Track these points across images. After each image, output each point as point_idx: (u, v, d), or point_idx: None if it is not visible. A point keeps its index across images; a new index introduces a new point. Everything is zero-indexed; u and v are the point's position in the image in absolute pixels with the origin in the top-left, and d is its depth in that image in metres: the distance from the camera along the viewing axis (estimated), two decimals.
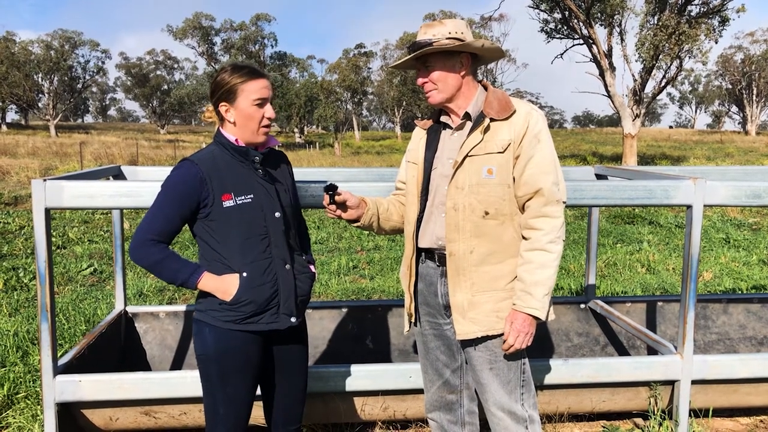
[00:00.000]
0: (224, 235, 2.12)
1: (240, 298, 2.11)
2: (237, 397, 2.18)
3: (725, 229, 9.95)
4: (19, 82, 55.00)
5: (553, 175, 2.17)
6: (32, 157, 26.10)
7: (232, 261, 2.13)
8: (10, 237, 9.12)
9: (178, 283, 2.12)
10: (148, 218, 2.11)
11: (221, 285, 2.11)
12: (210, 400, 2.21)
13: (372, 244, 8.98)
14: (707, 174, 3.85)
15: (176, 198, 2.09)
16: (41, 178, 2.62)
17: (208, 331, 2.14)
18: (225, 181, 2.11)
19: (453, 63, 2.20)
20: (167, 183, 2.12)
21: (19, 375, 3.76)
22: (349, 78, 53.41)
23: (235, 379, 2.16)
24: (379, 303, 4.01)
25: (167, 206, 2.10)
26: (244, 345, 2.15)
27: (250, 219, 2.13)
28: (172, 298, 6.03)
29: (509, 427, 2.27)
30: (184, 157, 2.15)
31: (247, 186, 2.14)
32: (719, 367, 3.07)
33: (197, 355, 2.20)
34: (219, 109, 2.16)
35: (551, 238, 2.14)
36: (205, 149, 2.21)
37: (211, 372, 2.16)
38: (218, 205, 2.10)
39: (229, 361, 2.15)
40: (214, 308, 2.14)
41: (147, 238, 2.08)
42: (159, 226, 2.09)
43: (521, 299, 2.16)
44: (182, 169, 2.11)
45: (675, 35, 21.70)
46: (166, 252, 2.10)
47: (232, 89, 2.12)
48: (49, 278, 2.65)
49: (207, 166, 2.11)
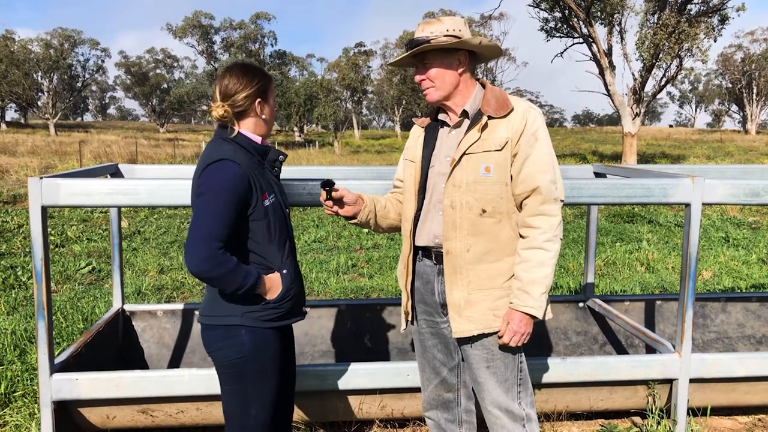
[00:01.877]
0: (264, 234, 2.13)
1: (285, 295, 2.16)
2: (270, 394, 2.20)
3: (724, 227, 9.94)
4: (19, 81, 54.96)
5: (551, 173, 2.16)
6: (32, 156, 26.08)
7: (272, 260, 2.16)
8: (8, 235, 9.11)
9: (245, 288, 2.04)
10: (207, 226, 1.98)
11: (271, 284, 2.15)
12: (238, 403, 2.17)
13: (371, 242, 8.98)
14: (706, 173, 3.84)
15: (231, 200, 2.01)
16: (37, 176, 2.61)
17: (245, 333, 2.12)
18: (259, 181, 2.12)
19: (451, 60, 2.19)
20: (217, 186, 2.01)
21: (16, 373, 3.76)
22: (348, 77, 53.33)
23: (271, 378, 2.20)
24: (377, 301, 4.00)
25: (224, 210, 2.00)
26: (276, 342, 2.20)
27: (279, 217, 2.18)
28: (170, 297, 6.03)
29: (506, 425, 2.26)
30: (220, 158, 2.04)
31: (269, 185, 2.17)
32: (717, 366, 3.07)
33: (229, 361, 2.12)
34: (255, 106, 2.15)
35: (549, 236, 2.14)
36: (226, 148, 2.09)
37: (247, 372, 2.14)
38: (260, 204, 2.10)
39: (266, 360, 2.16)
40: (254, 309, 2.13)
41: (215, 247, 1.97)
42: (222, 232, 1.99)
43: (518, 298, 2.15)
44: (229, 171, 2.02)
45: (675, 34, 21.70)
46: (235, 259, 2.03)
47: (266, 87, 2.18)
48: (45, 276, 2.65)
49: (246, 166, 2.08)
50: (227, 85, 2.13)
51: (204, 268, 1.97)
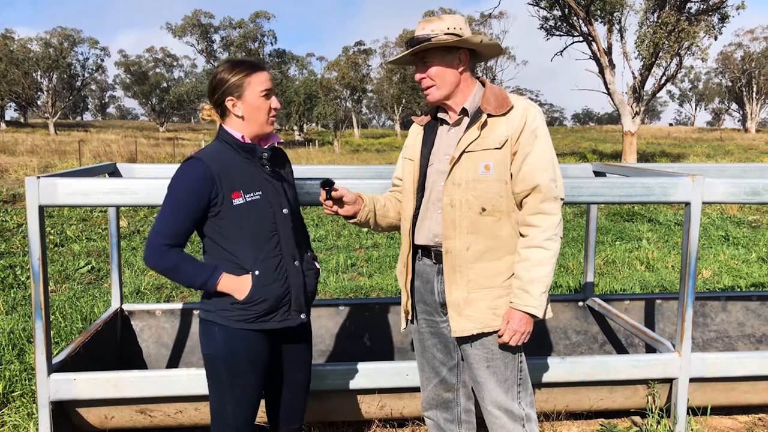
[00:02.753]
0: (235, 233, 2.09)
1: (253, 297, 2.08)
2: (245, 397, 2.16)
3: (724, 226, 9.94)
4: (18, 80, 54.93)
5: (551, 171, 2.15)
6: (31, 155, 26.06)
7: (243, 259, 2.10)
8: (7, 235, 9.10)
9: (197, 287, 2.07)
10: (159, 222, 2.05)
11: (237, 284, 2.08)
12: (217, 400, 2.17)
13: (370, 241, 8.97)
14: (705, 171, 3.82)
15: (187, 198, 2.04)
16: (35, 175, 2.60)
17: (218, 331, 2.11)
18: (233, 179, 2.08)
19: (451, 59, 2.18)
20: (175, 183, 2.07)
21: (15, 373, 3.75)
22: (348, 75, 53.29)
23: (244, 379, 2.14)
24: (377, 301, 3.99)
25: (178, 208, 2.05)
26: (254, 344, 2.13)
27: (260, 216, 2.10)
28: (169, 296, 6.02)
29: (506, 425, 2.26)
30: (190, 155, 2.10)
31: (254, 183, 2.12)
32: (717, 365, 3.06)
33: (204, 355, 2.16)
34: (226, 104, 2.12)
35: (548, 235, 2.13)
36: (209, 146, 2.15)
37: (220, 372, 2.13)
38: (228, 203, 2.06)
39: (239, 361, 2.12)
40: (225, 308, 2.10)
41: (160, 243, 2.04)
42: (171, 229, 2.05)
43: (518, 297, 2.14)
44: (191, 168, 2.06)
45: (675, 32, 21.69)
46: (182, 255, 2.06)
47: (238, 83, 2.09)
48: (43, 276, 2.64)
49: (215, 164, 2.06)
50: (208, 87, 2.19)
51: (149, 263, 2.06)
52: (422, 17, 24.44)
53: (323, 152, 37.45)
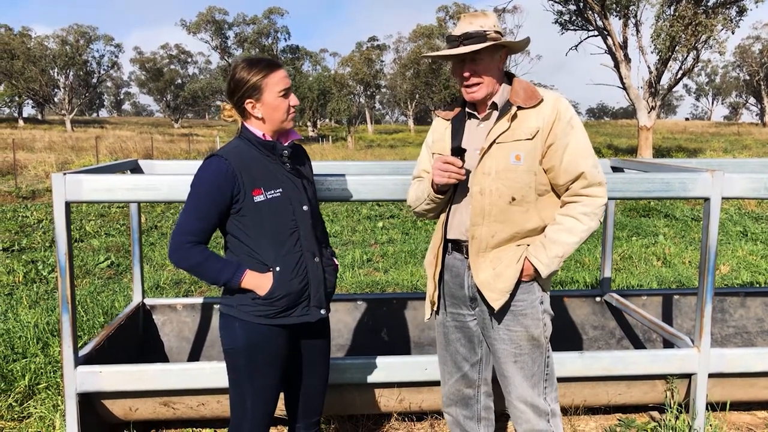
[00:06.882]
0: (256, 229, 2.12)
1: (274, 293, 2.12)
2: (265, 390, 2.20)
3: (743, 222, 9.84)
4: (36, 77, 55.54)
5: (592, 158, 2.18)
6: (49, 152, 26.36)
7: (264, 256, 2.13)
8: (28, 230, 9.24)
9: (221, 283, 2.11)
10: (182, 219, 2.09)
11: (259, 281, 2.12)
12: (237, 393, 2.21)
13: (386, 237, 9.00)
14: (724, 166, 3.80)
15: (209, 195, 2.08)
16: (61, 172, 2.65)
17: (238, 326, 2.15)
18: (254, 176, 2.11)
19: (497, 56, 2.20)
20: (198, 181, 2.10)
21: (40, 366, 3.82)
22: (361, 71, 53.31)
23: (263, 373, 2.18)
24: (394, 296, 4.02)
25: (201, 205, 2.08)
26: (273, 339, 2.16)
27: (280, 213, 2.14)
28: (188, 291, 6.09)
29: (531, 420, 2.27)
30: (212, 153, 2.13)
31: (275, 180, 2.15)
32: (737, 361, 3.05)
33: (225, 349, 2.20)
34: (245, 106, 2.15)
35: (588, 211, 2.16)
36: (230, 144, 2.19)
37: (240, 365, 2.17)
38: (249, 200, 2.10)
39: (259, 355, 2.16)
40: (246, 303, 2.14)
41: (184, 241, 2.07)
42: (195, 226, 2.08)
43: (534, 248, 2.19)
44: (212, 166, 2.09)
45: (692, 26, 21.41)
46: (206, 253, 2.09)
47: (256, 85, 2.11)
48: (69, 270, 2.69)
49: (236, 161, 2.10)
50: (226, 87, 2.21)
51: (173, 259, 2.10)
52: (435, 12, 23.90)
53: (337, 148, 37.50)
